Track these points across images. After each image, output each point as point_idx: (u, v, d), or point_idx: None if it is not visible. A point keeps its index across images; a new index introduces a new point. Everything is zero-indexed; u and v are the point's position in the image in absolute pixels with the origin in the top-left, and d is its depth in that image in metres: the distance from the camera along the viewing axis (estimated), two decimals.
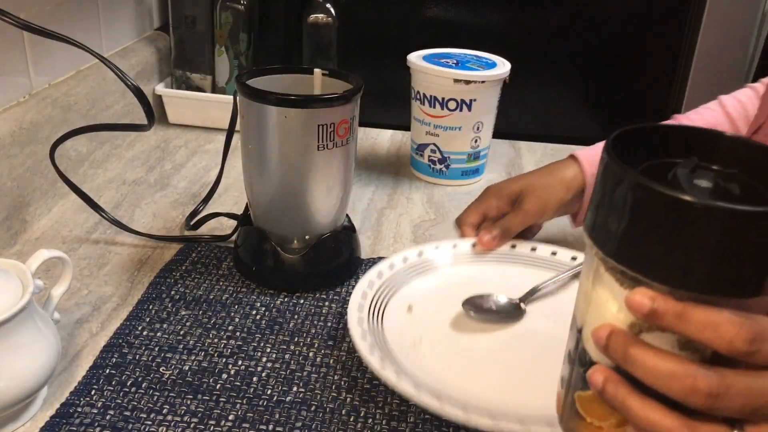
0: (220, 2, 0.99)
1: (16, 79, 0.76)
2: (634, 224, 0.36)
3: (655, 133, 0.42)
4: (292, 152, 0.62)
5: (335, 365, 0.58)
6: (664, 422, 0.36)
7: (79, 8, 0.87)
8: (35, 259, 0.53)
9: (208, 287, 0.67)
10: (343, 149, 0.64)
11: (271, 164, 0.63)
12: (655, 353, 0.36)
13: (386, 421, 0.52)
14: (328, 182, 0.65)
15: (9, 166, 0.71)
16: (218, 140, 1.01)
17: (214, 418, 0.52)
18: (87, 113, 0.86)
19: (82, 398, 0.53)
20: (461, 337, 0.61)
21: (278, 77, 0.68)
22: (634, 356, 0.37)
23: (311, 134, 0.61)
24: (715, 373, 0.35)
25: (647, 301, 0.36)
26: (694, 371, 0.35)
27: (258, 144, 0.63)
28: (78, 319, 0.62)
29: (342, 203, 0.68)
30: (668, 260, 0.35)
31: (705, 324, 0.35)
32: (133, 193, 0.85)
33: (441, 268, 0.69)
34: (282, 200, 0.65)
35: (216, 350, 0.59)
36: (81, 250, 0.72)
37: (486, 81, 0.86)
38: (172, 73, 1.06)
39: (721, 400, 0.35)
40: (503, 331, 0.62)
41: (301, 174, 0.63)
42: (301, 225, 0.67)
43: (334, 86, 0.66)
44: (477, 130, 0.90)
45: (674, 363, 0.36)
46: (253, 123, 0.63)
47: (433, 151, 0.91)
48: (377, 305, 0.62)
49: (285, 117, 0.60)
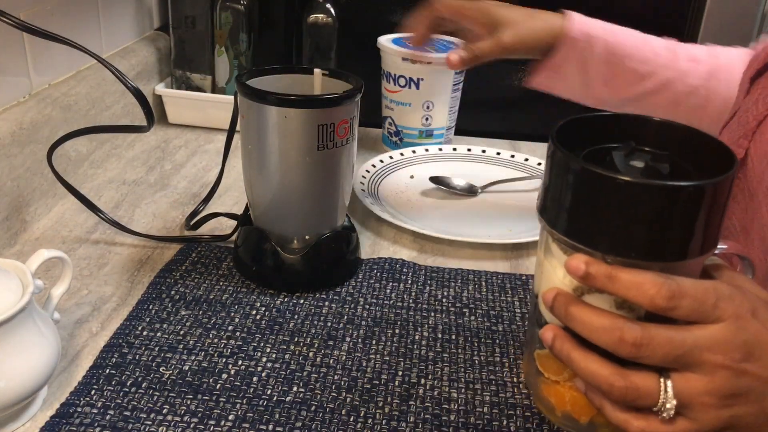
0: (220, 2, 0.99)
1: (16, 79, 0.76)
2: (573, 201, 0.42)
3: (595, 122, 0.49)
4: (292, 152, 0.62)
5: (335, 365, 0.58)
6: (601, 371, 0.42)
7: (79, 8, 0.87)
8: (35, 259, 0.53)
9: (208, 287, 0.67)
10: (343, 149, 0.64)
11: (271, 164, 0.63)
12: (590, 310, 0.42)
13: (386, 421, 0.52)
14: (328, 182, 0.65)
15: (9, 166, 0.71)
16: (218, 140, 1.01)
17: (214, 418, 0.52)
18: (87, 113, 0.86)
19: (82, 398, 0.53)
20: (425, 200, 0.87)
21: (278, 77, 0.68)
22: (573, 313, 0.43)
23: (311, 134, 0.61)
24: (639, 326, 0.40)
25: (582, 264, 0.42)
26: (621, 325, 0.41)
27: (258, 144, 0.63)
28: (78, 319, 0.62)
29: (342, 203, 0.68)
30: (602, 230, 0.42)
31: (631, 284, 0.40)
32: (133, 193, 0.85)
33: (421, 164, 0.95)
34: (282, 200, 0.65)
35: (216, 350, 0.59)
36: (81, 250, 0.72)
37: (433, 62, 0.91)
38: (172, 73, 1.06)
39: (645, 349, 0.40)
40: (462, 201, 0.88)
41: (301, 174, 0.63)
42: (301, 225, 0.67)
43: (334, 86, 0.66)
44: (427, 108, 0.96)
45: (605, 318, 0.41)
46: (253, 123, 0.63)
47: (390, 123, 0.99)
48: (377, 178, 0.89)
49: (285, 117, 0.60)
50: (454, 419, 0.53)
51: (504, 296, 0.68)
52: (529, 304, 0.50)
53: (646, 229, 0.40)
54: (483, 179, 0.91)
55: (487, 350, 0.61)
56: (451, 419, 0.53)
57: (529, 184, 0.92)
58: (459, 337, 0.62)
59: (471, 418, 0.53)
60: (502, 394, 0.56)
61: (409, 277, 0.70)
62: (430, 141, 1.00)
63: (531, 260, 0.75)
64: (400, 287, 0.68)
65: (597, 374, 0.42)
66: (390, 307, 0.66)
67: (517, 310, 0.66)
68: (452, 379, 0.57)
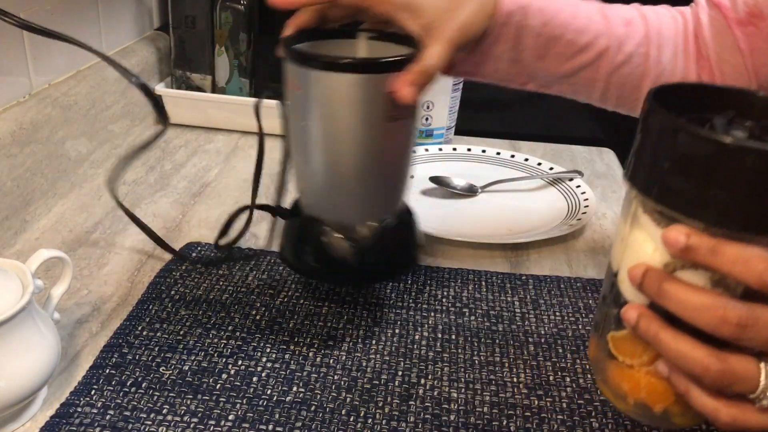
0: (220, 2, 0.99)
1: (16, 79, 0.76)
2: (674, 166, 0.39)
3: (693, 90, 0.45)
4: (362, 125, 0.54)
5: (335, 365, 0.58)
6: (694, 353, 0.38)
7: (79, 8, 0.87)
8: (35, 259, 0.53)
9: (208, 287, 0.67)
10: (412, 119, 0.56)
11: (337, 141, 0.55)
12: (688, 288, 0.39)
13: (386, 421, 0.52)
14: (399, 157, 0.58)
15: (9, 166, 0.71)
16: (218, 140, 1.02)
17: (214, 418, 0.52)
18: (87, 113, 0.86)
19: (82, 398, 0.53)
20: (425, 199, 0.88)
21: (317, 43, 0.59)
22: (667, 290, 0.39)
23: (384, 103, 0.53)
24: (744, 305, 0.37)
25: (682, 237, 0.38)
26: (724, 303, 0.37)
27: (319, 118, 0.54)
28: (78, 319, 0.62)
29: (408, 180, 0.61)
30: (704, 199, 0.38)
31: (736, 258, 0.37)
32: (133, 193, 0.85)
33: (421, 164, 0.95)
34: (347, 182, 0.56)
35: (216, 350, 0.59)
36: (81, 250, 0.72)
37: None
38: (172, 73, 1.06)
39: (749, 330, 0.37)
40: (462, 201, 0.88)
41: (371, 150, 0.55)
42: (369, 209, 0.58)
43: (384, 50, 0.57)
44: (427, 108, 0.97)
45: (706, 296, 0.38)
46: (312, 94, 0.53)
47: None
48: None
49: (355, 85, 0.52)
50: (454, 419, 0.53)
51: (504, 296, 0.68)
52: (603, 284, 0.46)
53: (755, 200, 0.37)
54: (483, 179, 0.91)
55: (487, 350, 0.61)
56: (451, 419, 0.53)
57: (529, 183, 0.92)
58: (459, 337, 0.62)
59: (471, 418, 0.53)
60: (502, 394, 0.56)
61: (409, 276, 0.70)
62: (430, 141, 1.00)
63: (531, 260, 0.75)
64: (400, 287, 0.68)
65: (689, 356, 0.39)
66: (390, 307, 0.66)
67: (517, 310, 0.66)
68: (452, 379, 0.57)
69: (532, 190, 0.91)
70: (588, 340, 0.62)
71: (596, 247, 0.79)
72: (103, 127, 0.90)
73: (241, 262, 0.71)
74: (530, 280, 0.71)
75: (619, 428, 0.53)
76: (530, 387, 0.57)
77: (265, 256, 0.72)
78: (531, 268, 0.74)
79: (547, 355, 0.60)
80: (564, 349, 0.61)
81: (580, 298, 0.68)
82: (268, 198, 0.64)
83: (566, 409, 0.55)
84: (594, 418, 0.54)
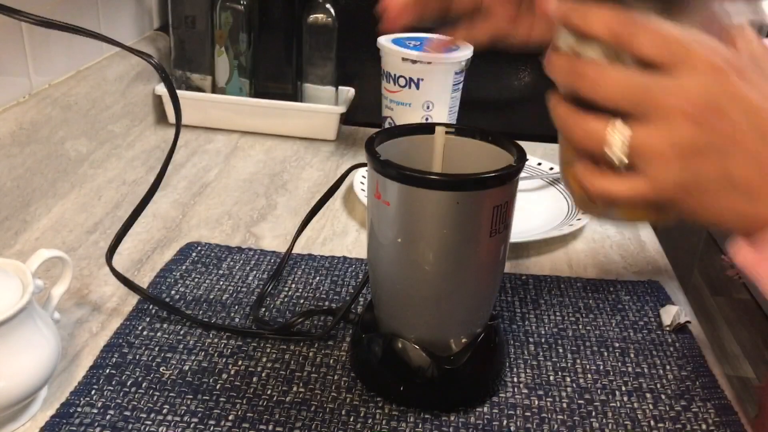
0: (220, 2, 0.99)
1: (16, 79, 0.76)
2: None
3: None
4: (465, 242, 0.50)
5: (335, 365, 0.58)
6: (559, 110, 0.44)
7: (79, 8, 0.87)
8: (35, 259, 0.53)
9: (208, 287, 0.67)
10: (509, 230, 0.53)
11: (432, 258, 0.51)
12: (558, 53, 0.44)
13: (386, 421, 0.52)
14: (494, 271, 0.54)
15: (9, 166, 0.71)
16: (218, 140, 1.01)
17: (214, 418, 0.52)
18: (87, 113, 0.86)
19: (82, 398, 0.53)
20: None
21: (395, 142, 0.55)
22: (550, 59, 0.44)
23: (486, 219, 0.49)
24: (597, 62, 0.42)
25: (553, 4, 0.43)
26: (577, 60, 0.42)
27: (412, 235, 0.50)
28: (78, 319, 0.62)
29: (497, 290, 0.58)
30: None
31: (587, 11, 0.41)
32: (133, 193, 0.85)
33: None
34: (441, 298, 0.53)
35: (216, 350, 0.59)
36: (81, 250, 0.72)
37: (432, 62, 0.91)
38: (172, 74, 1.06)
39: (600, 87, 0.40)
40: None
41: (468, 266, 0.52)
42: (460, 325, 0.55)
43: (462, 145, 0.56)
44: (427, 108, 0.95)
45: (564, 58, 0.43)
46: (404, 210, 0.50)
47: (390, 123, 0.99)
48: None
49: (457, 202, 0.49)
50: (455, 419, 0.53)
51: (504, 296, 0.68)
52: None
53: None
54: None
55: None
56: (452, 419, 0.53)
57: (529, 183, 0.92)
58: None
59: (471, 418, 0.53)
60: (502, 394, 0.56)
61: None
62: None
63: (531, 260, 0.76)
64: None
65: (559, 116, 0.43)
66: None
67: (517, 310, 0.66)
68: None
69: (532, 190, 0.91)
70: (588, 340, 0.63)
71: (596, 247, 0.79)
72: (103, 127, 0.90)
73: (242, 262, 0.71)
74: (530, 280, 0.71)
75: (619, 428, 0.53)
76: (530, 387, 0.57)
77: (265, 255, 0.72)
78: (531, 268, 0.74)
79: (547, 355, 0.60)
80: (564, 349, 0.61)
81: (580, 298, 0.68)
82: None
83: (566, 409, 0.55)
84: (594, 418, 0.54)
